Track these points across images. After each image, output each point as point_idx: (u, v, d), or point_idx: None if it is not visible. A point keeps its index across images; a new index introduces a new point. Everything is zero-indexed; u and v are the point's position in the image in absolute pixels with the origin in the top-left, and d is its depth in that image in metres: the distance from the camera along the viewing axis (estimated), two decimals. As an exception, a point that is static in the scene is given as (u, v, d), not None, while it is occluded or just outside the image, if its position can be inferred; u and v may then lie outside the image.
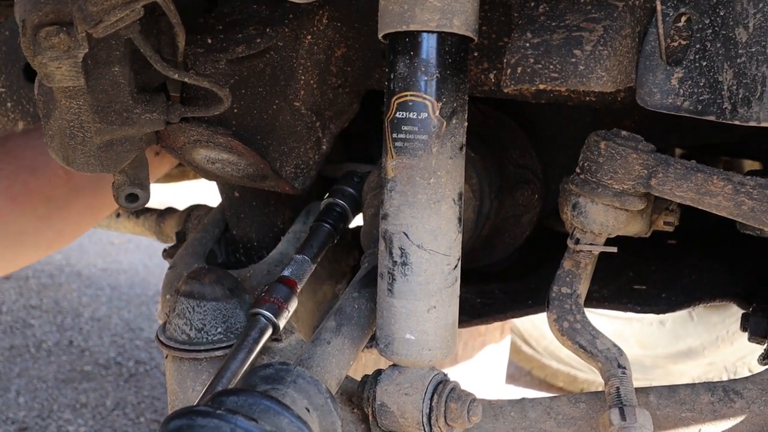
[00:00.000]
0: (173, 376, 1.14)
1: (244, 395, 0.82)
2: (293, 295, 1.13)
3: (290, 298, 1.12)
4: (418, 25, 0.93)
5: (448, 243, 0.99)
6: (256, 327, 1.07)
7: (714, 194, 0.97)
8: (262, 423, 0.75)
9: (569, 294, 1.09)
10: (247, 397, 0.81)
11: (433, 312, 0.99)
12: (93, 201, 1.57)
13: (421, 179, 0.96)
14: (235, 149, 1.17)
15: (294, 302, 1.13)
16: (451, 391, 1.01)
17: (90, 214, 1.60)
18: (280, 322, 1.09)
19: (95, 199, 1.57)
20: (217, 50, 1.10)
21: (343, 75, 1.25)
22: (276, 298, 1.10)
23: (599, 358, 1.05)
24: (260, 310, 1.08)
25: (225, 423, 0.74)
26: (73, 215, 1.55)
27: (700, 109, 0.95)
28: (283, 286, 1.13)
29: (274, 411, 0.80)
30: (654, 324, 3.22)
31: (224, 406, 0.79)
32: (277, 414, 0.80)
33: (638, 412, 0.96)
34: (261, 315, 1.08)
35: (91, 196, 1.55)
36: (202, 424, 0.74)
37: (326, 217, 1.29)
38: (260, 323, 1.07)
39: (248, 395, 0.82)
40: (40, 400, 3.19)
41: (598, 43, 0.93)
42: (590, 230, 1.06)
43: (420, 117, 0.95)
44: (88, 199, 1.55)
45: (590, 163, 1.03)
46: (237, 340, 1.05)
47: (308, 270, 1.20)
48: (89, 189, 1.54)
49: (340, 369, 1.02)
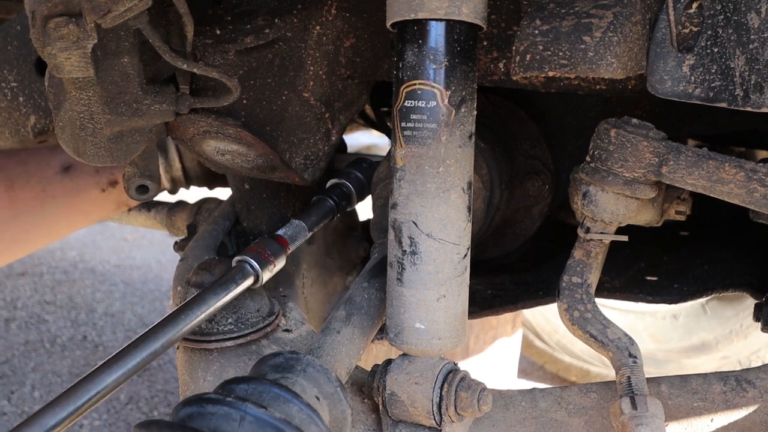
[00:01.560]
0: (184, 367, 1.14)
1: (254, 383, 0.82)
2: (283, 253, 1.14)
3: (279, 255, 1.13)
4: (427, 13, 0.92)
5: (458, 232, 0.98)
6: (240, 272, 1.08)
7: (726, 182, 0.96)
8: (271, 410, 0.75)
9: (580, 283, 1.09)
10: (257, 385, 0.81)
11: (443, 301, 0.99)
12: (30, 228, 1.56)
13: (430, 168, 0.96)
14: (244, 140, 1.17)
15: (282, 260, 1.14)
16: (461, 380, 1.00)
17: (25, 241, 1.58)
18: (265, 274, 1.10)
19: (33, 227, 1.56)
20: (226, 41, 1.10)
21: (352, 66, 1.24)
22: (264, 251, 1.11)
23: (610, 348, 1.04)
24: (247, 257, 1.09)
25: (235, 410, 0.74)
26: (7, 240, 1.54)
27: (711, 96, 0.94)
28: (274, 242, 1.14)
29: (283, 399, 0.80)
30: (667, 318, 3.20)
31: (234, 394, 0.79)
32: (286, 402, 0.80)
33: (649, 401, 0.95)
34: (246, 263, 1.09)
35: (29, 222, 1.54)
36: (212, 411, 0.74)
37: (330, 193, 1.30)
38: (245, 269, 1.08)
39: (258, 383, 0.82)
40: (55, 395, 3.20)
41: (608, 30, 0.92)
42: (601, 219, 1.05)
43: (429, 105, 0.94)
44: (25, 225, 1.54)
45: (600, 151, 1.03)
46: (218, 280, 1.06)
47: (302, 235, 1.20)
48: (28, 216, 1.53)
49: (350, 358, 1.02)
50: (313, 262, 1.41)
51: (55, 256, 4.96)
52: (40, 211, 1.53)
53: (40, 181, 1.41)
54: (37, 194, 1.53)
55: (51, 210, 1.53)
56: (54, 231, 1.54)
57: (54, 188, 1.44)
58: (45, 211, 1.53)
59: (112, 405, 3.16)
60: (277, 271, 1.14)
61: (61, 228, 1.64)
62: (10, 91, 1.29)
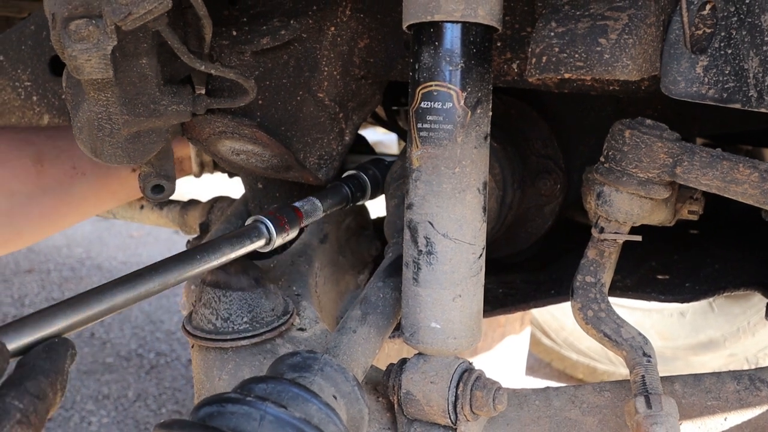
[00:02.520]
0: (200, 366, 1.15)
1: (272, 383, 0.82)
2: (297, 224, 1.15)
3: (294, 224, 1.14)
4: (443, 16, 0.93)
5: (473, 232, 0.99)
6: (255, 230, 1.09)
7: (740, 182, 0.97)
8: (291, 410, 0.76)
9: (593, 283, 1.09)
10: (276, 385, 0.82)
11: (459, 301, 0.99)
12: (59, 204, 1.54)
13: (446, 169, 0.96)
14: (259, 140, 1.17)
15: (295, 231, 1.15)
16: (476, 379, 1.01)
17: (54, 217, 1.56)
18: (278, 238, 1.11)
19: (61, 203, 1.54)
20: (243, 42, 1.10)
21: (366, 66, 1.25)
22: (282, 216, 1.12)
23: (624, 347, 1.05)
24: (264, 218, 1.10)
25: (255, 410, 0.75)
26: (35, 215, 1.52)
27: (725, 97, 0.94)
28: (291, 211, 1.15)
29: (302, 398, 0.81)
30: (674, 315, 3.21)
31: (254, 393, 0.79)
32: (305, 401, 0.81)
33: (664, 400, 0.96)
34: (263, 223, 1.10)
35: (58, 198, 1.53)
36: (232, 411, 0.75)
37: (347, 182, 1.31)
38: (259, 228, 1.10)
39: (277, 383, 0.82)
40: (63, 392, 3.22)
41: (624, 32, 0.93)
42: (615, 219, 1.06)
43: (445, 107, 0.95)
44: (54, 201, 1.52)
45: (615, 151, 1.03)
46: (233, 232, 1.08)
47: (316, 213, 1.21)
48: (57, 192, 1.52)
49: (366, 357, 1.03)
50: (326, 260, 1.42)
51: (62, 253, 4.98)
52: (69, 188, 1.51)
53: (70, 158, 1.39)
54: (66, 170, 1.52)
55: (81, 187, 1.51)
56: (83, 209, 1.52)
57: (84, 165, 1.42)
58: (74, 188, 1.51)
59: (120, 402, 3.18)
60: (289, 239, 1.15)
61: (90, 206, 1.62)
62: (24, 90, 1.29)
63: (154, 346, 3.68)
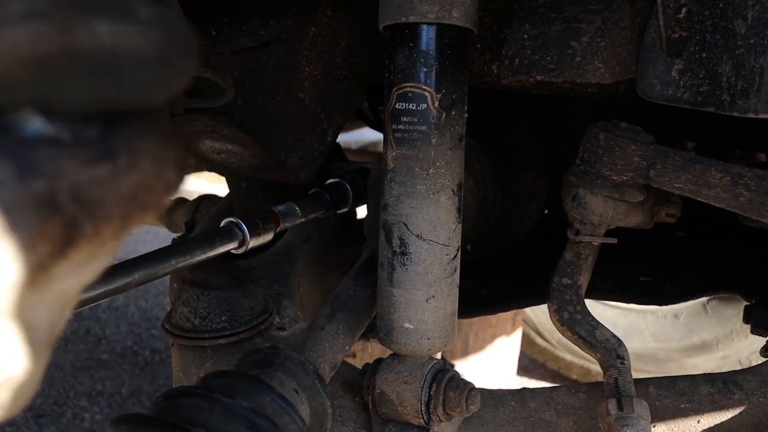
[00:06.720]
0: (178, 364, 1.16)
1: (228, 377, 0.85)
2: (273, 227, 1.16)
3: (269, 227, 1.15)
4: (417, 17, 0.93)
5: (447, 233, 0.99)
6: (227, 233, 1.10)
7: (712, 185, 0.97)
8: (239, 399, 0.78)
9: (570, 285, 1.10)
10: (230, 378, 0.85)
11: (432, 302, 1.00)
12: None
13: (420, 170, 0.97)
14: (239, 140, 1.18)
15: (270, 234, 1.16)
16: (449, 380, 1.01)
17: None
18: (252, 240, 1.12)
19: None
20: (221, 42, 1.11)
21: (347, 67, 1.25)
22: (257, 219, 1.13)
23: (598, 349, 1.05)
24: (238, 220, 1.11)
25: (204, 401, 0.77)
26: None
27: (699, 100, 0.94)
28: (267, 215, 1.15)
29: (255, 390, 0.83)
30: (668, 317, 3.21)
31: (209, 387, 0.82)
32: (258, 393, 0.83)
33: (636, 403, 0.96)
34: (236, 225, 1.11)
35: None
36: (184, 404, 0.78)
37: (329, 189, 1.31)
38: (233, 231, 1.10)
39: (233, 377, 0.85)
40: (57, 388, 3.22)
41: (596, 35, 0.93)
42: (590, 221, 1.06)
43: (419, 108, 0.95)
44: None
45: (590, 154, 1.04)
46: (205, 233, 1.08)
47: (294, 217, 1.22)
48: None
49: (334, 354, 1.03)
50: (309, 261, 1.43)
51: (61, 250, 4.97)
52: None
53: None
54: None
55: None
56: None
57: None
58: None
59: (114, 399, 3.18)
60: (264, 243, 1.15)
61: None
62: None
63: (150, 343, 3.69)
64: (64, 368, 3.39)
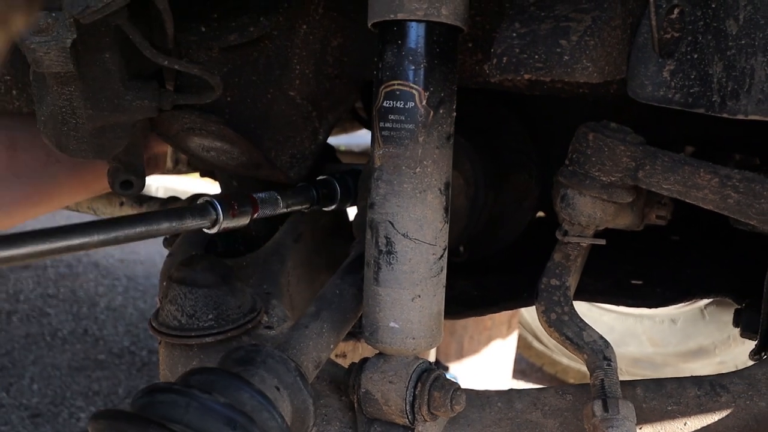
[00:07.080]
0: (165, 362, 1.15)
1: (208, 374, 0.85)
2: (249, 212, 1.13)
3: (245, 211, 1.12)
4: (406, 14, 0.92)
5: (434, 232, 0.99)
6: (202, 209, 1.07)
7: (701, 187, 0.96)
8: (216, 395, 0.77)
9: (558, 286, 1.09)
10: (209, 375, 0.84)
11: (418, 301, 0.99)
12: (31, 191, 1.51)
13: (407, 168, 0.96)
14: (227, 137, 1.17)
15: (246, 218, 1.13)
16: (435, 379, 1.01)
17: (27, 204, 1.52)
18: (225, 221, 1.09)
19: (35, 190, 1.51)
20: (211, 38, 1.10)
21: (339, 65, 1.25)
22: (234, 202, 1.10)
23: (585, 350, 1.05)
24: (213, 199, 1.08)
25: (181, 397, 0.77)
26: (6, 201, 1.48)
27: (690, 101, 0.94)
28: (245, 198, 1.13)
29: (234, 387, 0.83)
30: (665, 322, 3.20)
31: (187, 383, 0.81)
32: (237, 389, 0.83)
33: (621, 404, 0.95)
34: (210, 204, 1.08)
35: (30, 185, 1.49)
36: (161, 400, 0.78)
37: (317, 185, 1.30)
38: (206, 209, 1.07)
39: (212, 373, 0.85)
40: (54, 388, 3.22)
41: (585, 34, 0.92)
42: (578, 222, 1.06)
43: (407, 106, 0.95)
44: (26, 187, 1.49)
45: (579, 154, 1.03)
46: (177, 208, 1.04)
47: (274, 205, 1.19)
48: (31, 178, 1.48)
49: (318, 352, 1.02)
50: (300, 259, 1.42)
51: (60, 250, 4.97)
52: (43, 175, 1.47)
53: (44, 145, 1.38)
54: (40, 157, 1.49)
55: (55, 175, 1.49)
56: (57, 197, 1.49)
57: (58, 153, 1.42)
58: (48, 175, 1.49)
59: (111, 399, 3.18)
60: (238, 226, 1.13)
61: (65, 195, 1.59)
62: (3, 84, 1.29)
63: (147, 343, 3.69)
64: (61, 368, 3.39)
